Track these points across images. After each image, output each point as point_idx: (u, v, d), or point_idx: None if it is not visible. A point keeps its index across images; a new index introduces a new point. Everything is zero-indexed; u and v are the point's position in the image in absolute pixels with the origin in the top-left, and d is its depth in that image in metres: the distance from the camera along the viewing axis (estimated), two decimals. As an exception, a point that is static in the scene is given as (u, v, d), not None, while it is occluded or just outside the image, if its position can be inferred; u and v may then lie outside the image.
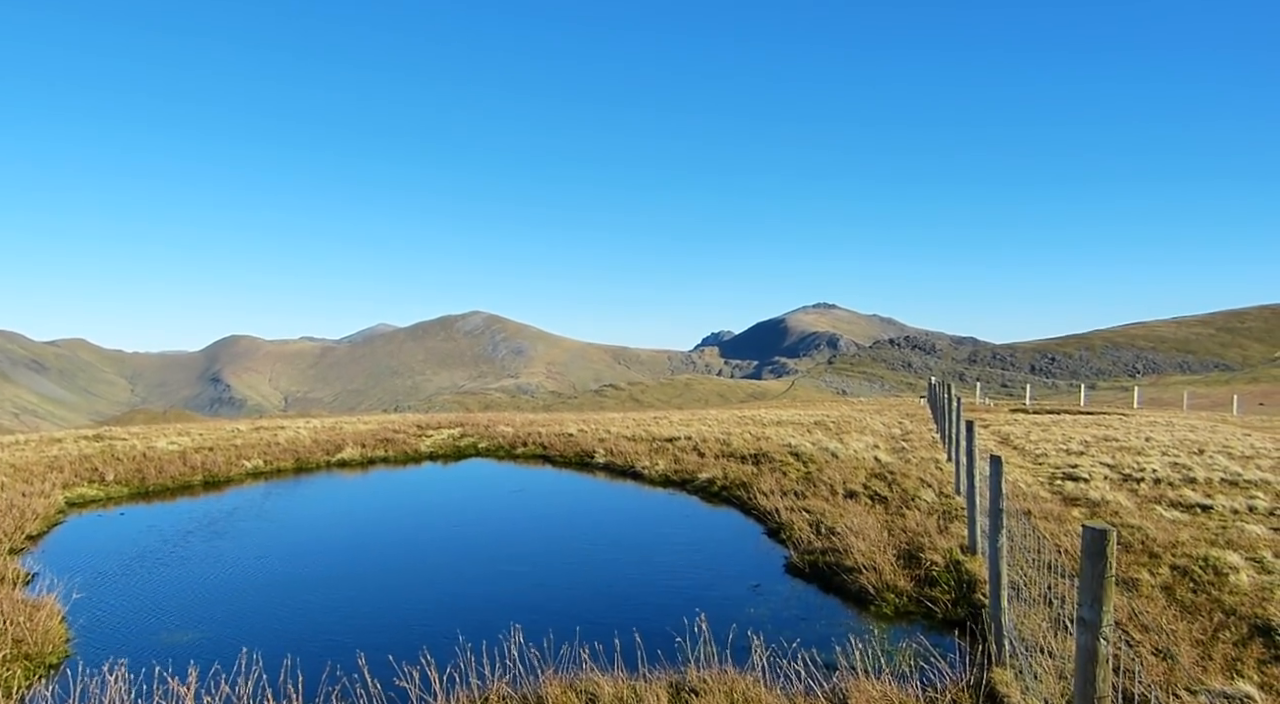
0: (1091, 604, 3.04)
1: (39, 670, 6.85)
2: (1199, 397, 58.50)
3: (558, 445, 20.64)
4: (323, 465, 19.12)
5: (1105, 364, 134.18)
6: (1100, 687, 3.02)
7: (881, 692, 5.49)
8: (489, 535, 12.45)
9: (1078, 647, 3.15)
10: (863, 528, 10.19)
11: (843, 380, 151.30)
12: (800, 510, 11.85)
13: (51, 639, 7.34)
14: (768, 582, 9.38)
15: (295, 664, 6.20)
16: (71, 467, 16.65)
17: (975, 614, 7.47)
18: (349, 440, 21.17)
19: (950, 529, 10.13)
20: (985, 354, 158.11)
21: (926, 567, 8.73)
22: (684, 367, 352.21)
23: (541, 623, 7.38)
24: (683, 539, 11.90)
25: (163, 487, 16.13)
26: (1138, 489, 12.54)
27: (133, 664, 6.15)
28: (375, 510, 14.75)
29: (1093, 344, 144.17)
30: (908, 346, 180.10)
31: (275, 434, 22.65)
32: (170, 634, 7.87)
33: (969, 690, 5.53)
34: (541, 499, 15.62)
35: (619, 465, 17.92)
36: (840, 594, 8.76)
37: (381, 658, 6.27)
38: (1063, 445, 18.21)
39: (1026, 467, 15.17)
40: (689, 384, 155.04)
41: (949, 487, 12.73)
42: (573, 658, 6.24)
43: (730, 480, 14.92)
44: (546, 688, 5.73)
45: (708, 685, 5.69)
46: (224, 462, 17.88)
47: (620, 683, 5.80)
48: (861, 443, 18.47)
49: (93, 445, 20.22)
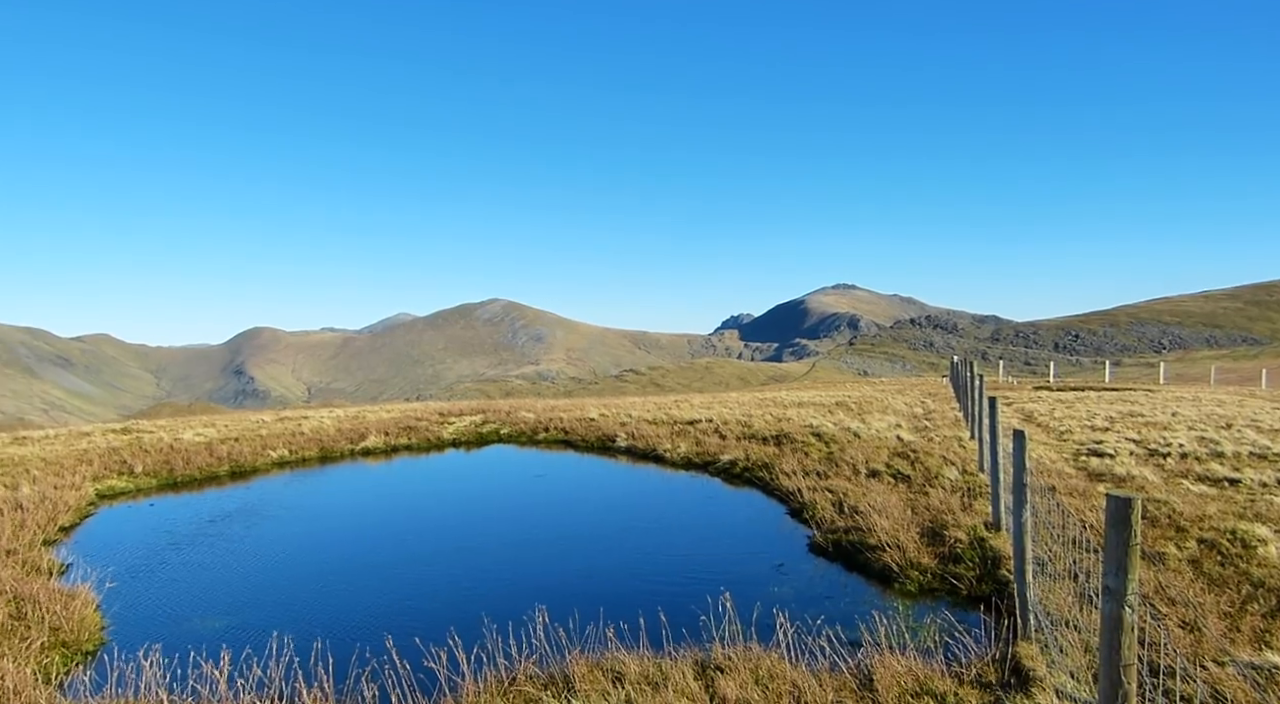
0: (1116, 572, 3.04)
1: (76, 657, 7.00)
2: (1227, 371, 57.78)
3: (579, 430, 20.72)
4: (347, 454, 19.31)
5: (1130, 340, 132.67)
6: (1125, 654, 3.03)
7: (907, 666, 5.51)
8: (513, 520, 12.55)
9: (1103, 615, 3.15)
10: (886, 506, 10.18)
11: (864, 361, 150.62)
12: (823, 490, 11.85)
13: (87, 627, 7.48)
14: (791, 561, 9.41)
15: (325, 647, 6.31)
16: (101, 459, 16.91)
17: (1000, 590, 7.47)
18: (372, 429, 21.35)
19: (974, 507, 10.11)
20: (1008, 332, 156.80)
21: (950, 544, 8.72)
22: (704, 350, 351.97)
23: (566, 604, 7.45)
24: (706, 520, 11.95)
25: (190, 478, 16.36)
26: (1164, 464, 12.44)
27: (166, 650, 6.27)
28: (400, 497, 14.89)
29: (1117, 320, 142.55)
30: (929, 326, 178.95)
31: (299, 424, 22.89)
32: (202, 621, 8.01)
33: (994, 664, 5.53)
34: (564, 483, 15.70)
35: (641, 449, 17.98)
36: (864, 572, 8.77)
37: (409, 640, 6.35)
38: (1087, 422, 18.07)
39: (1050, 443, 15.07)
40: (709, 367, 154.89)
41: (972, 464, 12.68)
42: (598, 637, 6.30)
43: (752, 462, 14.93)
44: (573, 667, 5.79)
45: (733, 663, 5.73)
46: (250, 452, 18.09)
47: (646, 661, 5.85)
48: (884, 422, 18.41)
49: (121, 438, 20.52)
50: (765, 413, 21.62)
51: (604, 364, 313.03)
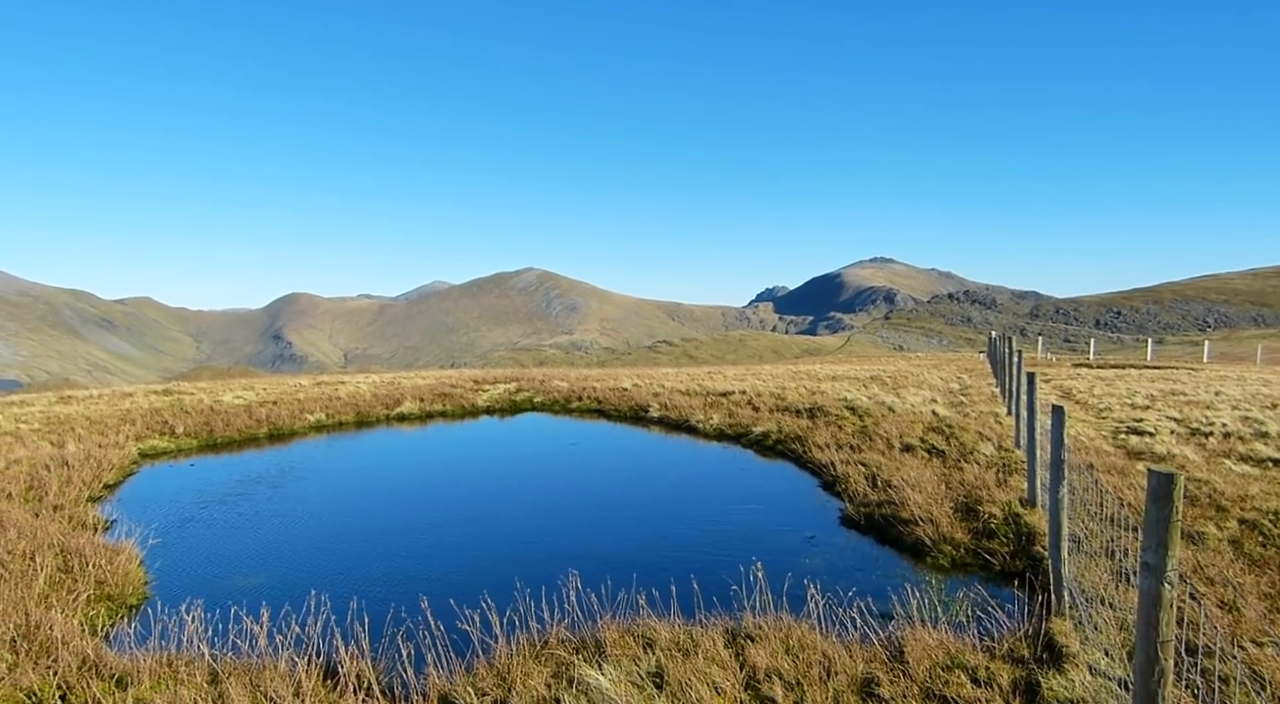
0: (1156, 548, 2.99)
1: (121, 611, 7.20)
2: (1274, 351, 56.37)
3: (612, 400, 20.79)
4: (383, 419, 19.56)
5: (1174, 318, 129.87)
6: (1163, 631, 2.99)
7: (938, 640, 5.50)
8: (545, 487, 12.66)
9: (1140, 591, 3.11)
10: (919, 481, 10.12)
11: (899, 336, 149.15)
12: (856, 463, 11.80)
13: (131, 581, 7.70)
14: (823, 533, 9.40)
15: (361, 606, 6.43)
16: (143, 420, 17.29)
17: (1034, 566, 7.41)
18: (408, 395, 21.59)
19: (1009, 482, 10.01)
20: (1048, 308, 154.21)
21: (984, 519, 8.65)
22: (738, 322, 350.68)
23: (599, 571, 7.51)
24: (737, 491, 11.97)
25: (230, 439, 16.69)
26: (1206, 443, 12.20)
27: (207, 605, 6.43)
28: (435, 462, 15.08)
29: (1161, 297, 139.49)
30: (967, 301, 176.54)
31: (336, 389, 23.21)
32: (242, 578, 8.20)
33: (1027, 640, 5.50)
34: (597, 452, 15.79)
35: (673, 419, 18.00)
36: (896, 546, 8.74)
37: (443, 603, 6.45)
38: (1127, 400, 17.76)
39: (1089, 421, 14.85)
40: (743, 340, 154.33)
41: (1008, 440, 12.53)
42: (629, 604, 6.35)
43: (785, 434, 14.90)
44: (604, 632, 5.85)
45: (763, 632, 5.76)
46: (288, 415, 18.40)
47: (677, 628, 5.90)
48: (918, 397, 18.25)
49: (162, 400, 20.95)
50: (799, 386, 21.52)
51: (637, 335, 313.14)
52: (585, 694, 4.95)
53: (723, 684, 5.03)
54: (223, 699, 5.00)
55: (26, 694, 5.21)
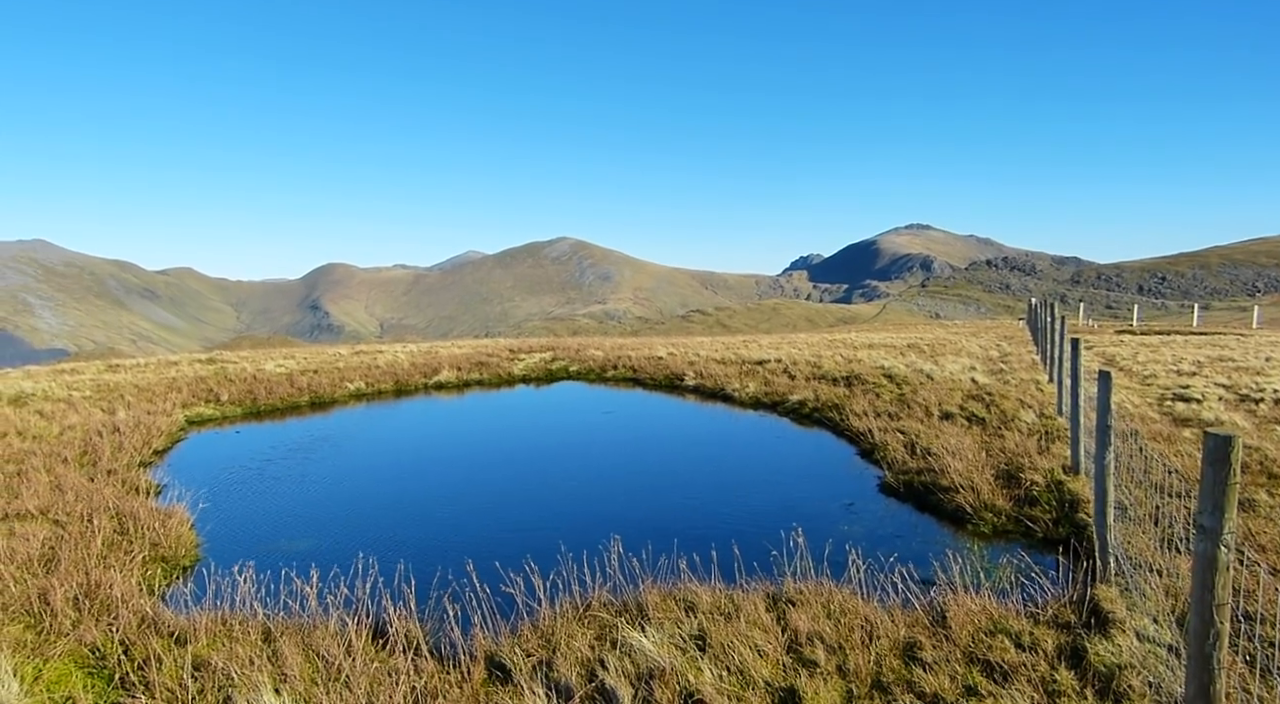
0: (1212, 511, 2.95)
1: (175, 572, 7.41)
2: (1325, 317, 54.84)
3: (648, 368, 20.81)
4: (421, 388, 19.77)
5: (1222, 283, 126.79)
6: (1219, 594, 2.95)
7: (981, 605, 5.48)
8: (583, 454, 12.76)
9: (1195, 554, 3.07)
10: (959, 448, 10.04)
11: (936, 303, 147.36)
12: (894, 431, 11.73)
13: (183, 544, 7.91)
14: (861, 500, 9.38)
15: (407, 569, 6.54)
16: (189, 388, 17.65)
17: (1078, 533, 7.34)
18: (445, 364, 21.79)
19: (1051, 450, 9.90)
20: (1089, 274, 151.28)
21: (1026, 486, 8.57)
22: (771, 291, 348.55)
23: (639, 536, 7.57)
24: (775, 459, 11.97)
25: (272, 407, 16.99)
26: (1256, 410, 11.95)
27: (258, 567, 6.58)
28: (473, 430, 15.24)
29: (1208, 262, 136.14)
30: (1006, 268, 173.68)
31: (375, 358, 23.48)
32: (290, 541, 8.38)
33: (1072, 606, 5.46)
34: (634, 420, 15.85)
35: (709, 388, 17.99)
36: (935, 513, 8.71)
37: (488, 566, 6.54)
38: (1173, 366, 17.43)
39: (1134, 388, 14.60)
40: (776, 309, 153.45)
41: (1050, 408, 12.38)
42: (671, 568, 6.40)
43: (822, 402, 14.83)
44: (646, 596, 5.91)
45: (804, 596, 5.78)
46: (328, 384, 18.68)
47: (718, 592, 5.94)
48: (957, 365, 18.05)
49: (206, 368, 21.35)
50: (835, 354, 21.38)
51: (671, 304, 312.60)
52: (629, 656, 5.01)
53: (765, 647, 5.07)
54: (277, 656, 5.14)
55: (90, 649, 5.40)
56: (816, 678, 4.73)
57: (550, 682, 4.82)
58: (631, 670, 4.87)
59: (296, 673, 4.91)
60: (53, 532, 7.72)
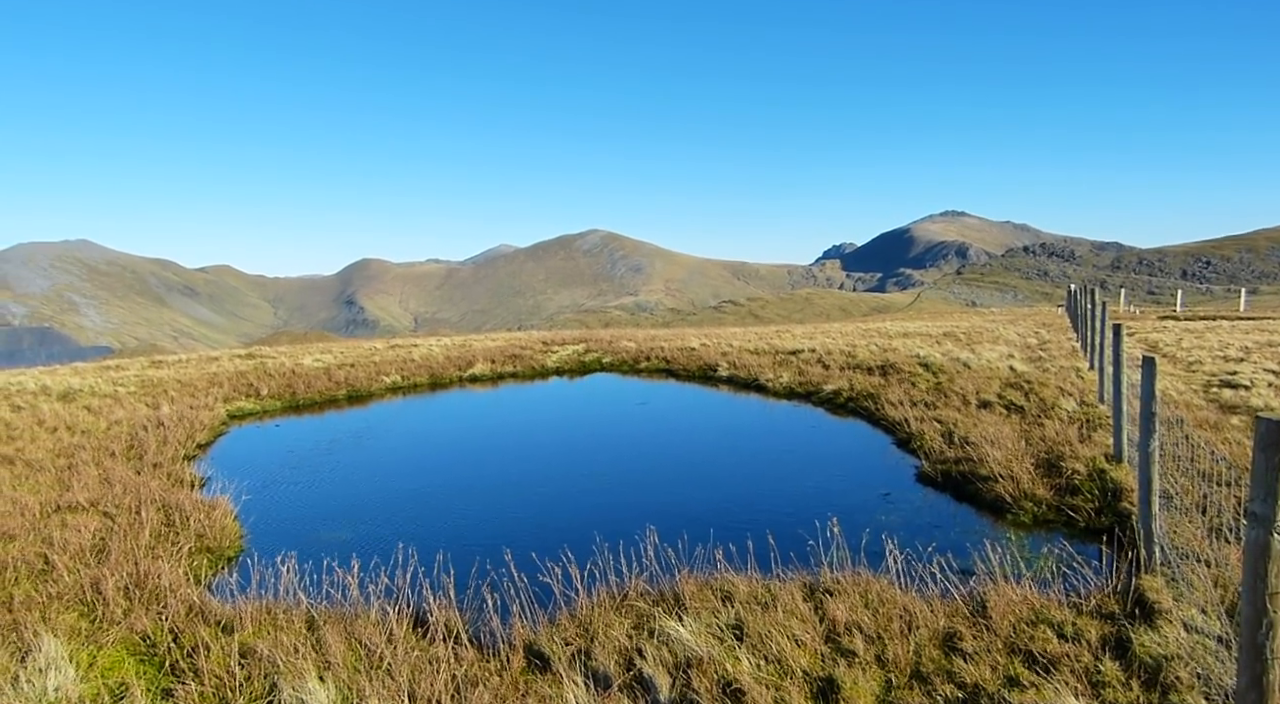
0: (1264, 498, 2.88)
1: (220, 562, 7.57)
2: (1377, 301, 53.33)
3: (680, 360, 20.80)
4: (455, 381, 19.94)
5: (1270, 267, 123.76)
6: (1272, 582, 2.89)
7: (1022, 596, 5.42)
8: (618, 444, 12.80)
9: (1247, 542, 3.01)
10: (998, 437, 9.92)
11: (972, 291, 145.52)
12: (931, 420, 11.62)
13: (227, 534, 8.08)
14: (898, 490, 9.31)
15: (446, 559, 6.60)
16: (230, 382, 17.96)
17: (1121, 522, 7.22)
18: (479, 357, 21.93)
19: (1093, 438, 9.74)
20: (1130, 260, 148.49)
21: (1067, 475, 8.45)
22: (804, 281, 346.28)
23: (675, 526, 7.57)
24: (810, 448, 11.92)
25: (311, 400, 17.24)
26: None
27: (300, 557, 6.69)
28: (508, 422, 15.35)
29: (1256, 245, 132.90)
30: (1043, 254, 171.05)
31: (410, 352, 23.70)
32: (331, 532, 8.51)
33: (1116, 596, 5.38)
34: (668, 410, 15.87)
35: (742, 378, 17.95)
36: (974, 503, 8.62)
37: (526, 556, 6.60)
38: (1219, 352, 17.06)
39: (1178, 375, 14.31)
40: (809, 298, 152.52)
41: (1090, 395, 12.18)
42: (707, 558, 6.40)
43: (857, 391, 14.73)
44: (683, 585, 5.92)
45: (842, 586, 5.76)
46: (365, 377, 18.90)
47: (755, 582, 5.94)
48: (994, 353, 17.82)
49: (246, 363, 21.70)
50: (869, 343, 21.21)
51: (702, 295, 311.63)
52: (666, 645, 5.03)
53: (803, 637, 5.06)
54: (320, 645, 5.22)
55: (141, 637, 5.53)
56: (855, 668, 4.72)
57: (589, 670, 4.84)
58: (669, 660, 4.89)
59: (340, 661, 4.99)
60: (103, 523, 7.91)
